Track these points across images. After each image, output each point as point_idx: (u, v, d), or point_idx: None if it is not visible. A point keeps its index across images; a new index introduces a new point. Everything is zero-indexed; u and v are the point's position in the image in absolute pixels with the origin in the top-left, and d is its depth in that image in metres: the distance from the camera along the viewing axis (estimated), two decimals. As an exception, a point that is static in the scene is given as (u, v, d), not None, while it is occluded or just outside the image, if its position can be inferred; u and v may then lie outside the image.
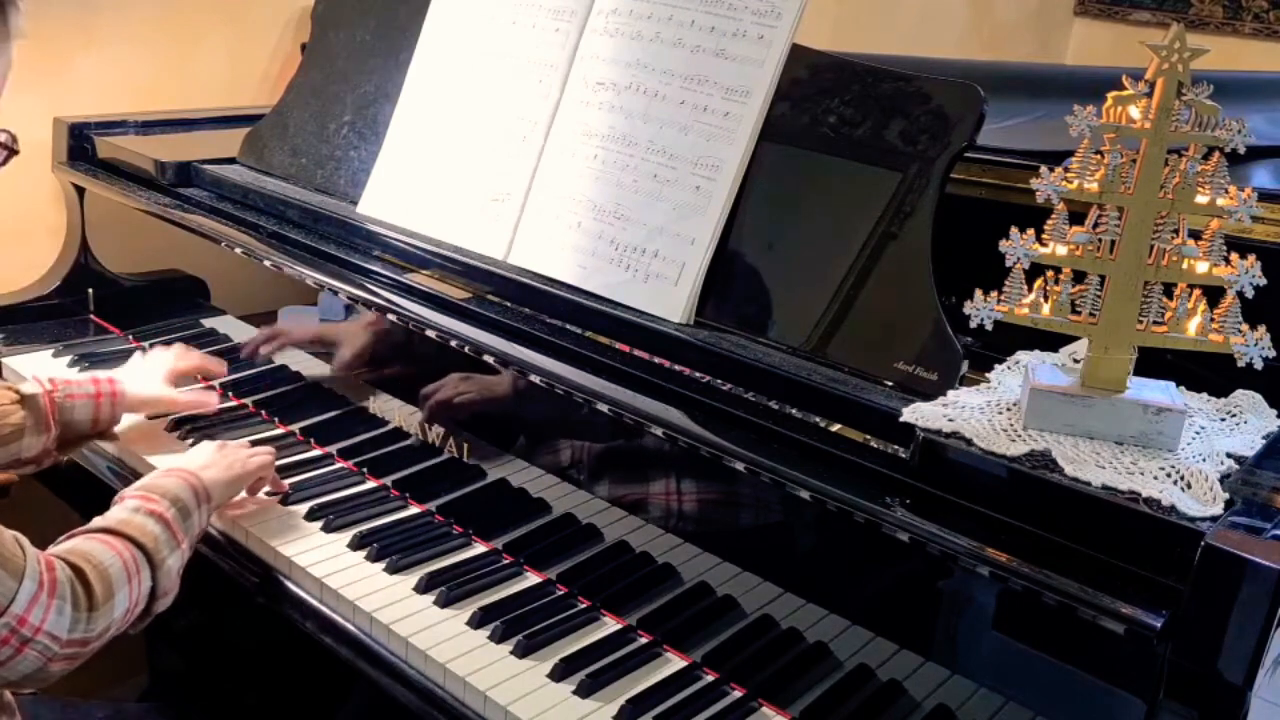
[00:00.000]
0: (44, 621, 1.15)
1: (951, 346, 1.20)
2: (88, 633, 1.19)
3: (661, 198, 1.43)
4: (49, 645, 1.16)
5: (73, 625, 1.18)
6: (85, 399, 1.58)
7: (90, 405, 1.59)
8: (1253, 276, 1.03)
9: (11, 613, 1.12)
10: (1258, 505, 0.99)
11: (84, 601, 1.19)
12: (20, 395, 1.54)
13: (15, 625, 1.13)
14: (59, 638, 1.16)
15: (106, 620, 1.21)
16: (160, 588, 1.28)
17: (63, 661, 1.18)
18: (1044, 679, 1.04)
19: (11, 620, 1.12)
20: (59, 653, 1.17)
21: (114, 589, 1.22)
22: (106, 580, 1.22)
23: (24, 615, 1.13)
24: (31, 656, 1.15)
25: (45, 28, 2.03)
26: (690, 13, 1.46)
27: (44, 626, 1.15)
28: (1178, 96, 1.02)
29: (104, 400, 1.60)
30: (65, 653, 1.18)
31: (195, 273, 1.94)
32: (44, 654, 1.16)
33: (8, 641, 1.13)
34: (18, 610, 1.13)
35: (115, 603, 1.22)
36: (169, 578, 1.30)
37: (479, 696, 1.23)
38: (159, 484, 1.37)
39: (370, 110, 1.79)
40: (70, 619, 1.17)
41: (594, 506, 1.39)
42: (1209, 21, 3.96)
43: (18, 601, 1.13)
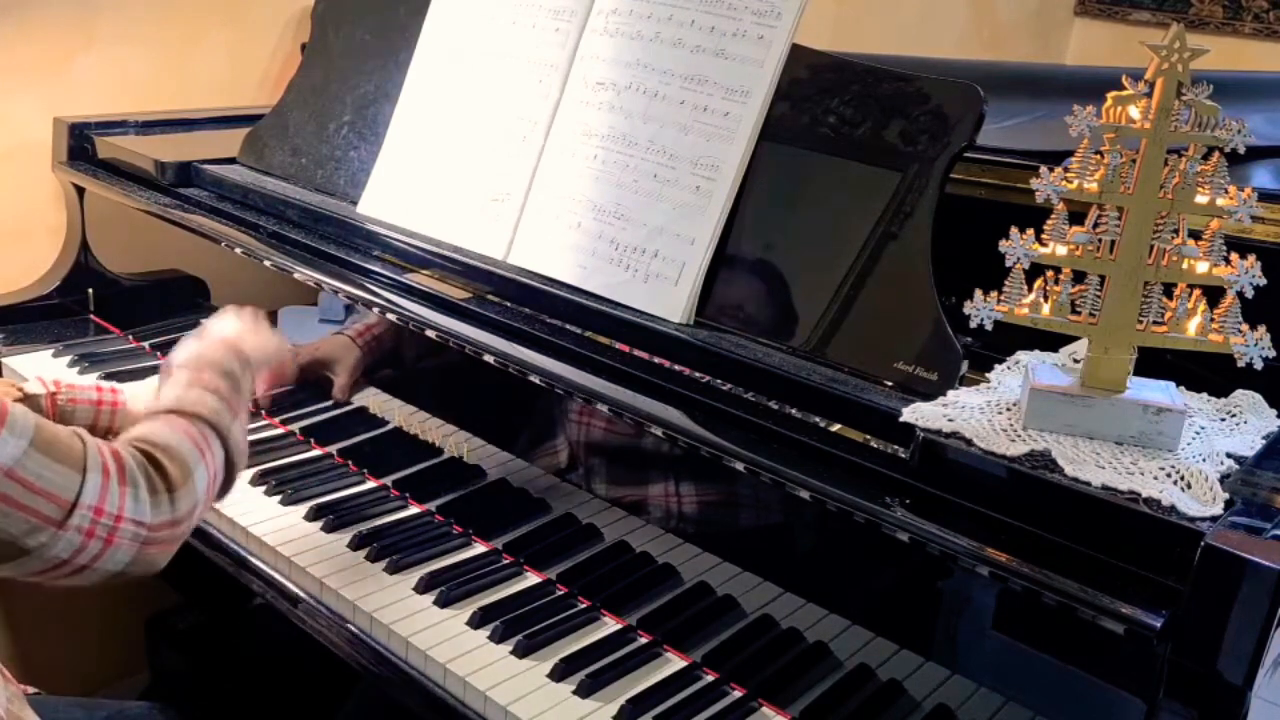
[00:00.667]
0: (122, 508, 1.12)
1: (951, 346, 1.20)
2: (175, 513, 1.17)
3: (661, 198, 1.43)
4: (138, 530, 1.13)
5: (154, 508, 1.15)
6: (87, 405, 1.59)
7: (91, 411, 1.59)
8: (1253, 276, 1.03)
9: (84, 504, 1.09)
10: (1258, 505, 0.99)
11: (160, 484, 1.16)
12: (24, 394, 1.54)
13: (93, 516, 1.10)
14: (143, 521, 1.14)
15: (190, 499, 1.19)
16: (233, 456, 1.27)
17: (159, 545, 1.16)
18: (1044, 679, 1.04)
19: (87, 512, 1.10)
20: (152, 536, 1.14)
21: (190, 468, 1.20)
22: (180, 460, 1.19)
23: (99, 505, 1.11)
24: (124, 545, 1.12)
25: (45, 28, 2.03)
26: (690, 13, 1.46)
27: (124, 513, 1.12)
28: (1178, 96, 1.02)
29: (104, 408, 1.60)
30: (159, 536, 1.15)
31: (195, 273, 1.94)
32: (135, 539, 1.13)
33: (92, 534, 1.10)
34: (90, 501, 1.10)
35: (195, 480, 1.20)
36: (239, 444, 1.28)
37: (479, 696, 1.23)
38: (204, 354, 1.34)
39: (370, 110, 1.79)
40: (150, 502, 1.15)
41: (594, 506, 1.39)
42: (1209, 21, 3.96)
43: (86, 493, 1.10)
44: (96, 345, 1.98)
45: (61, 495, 1.09)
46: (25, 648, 2.16)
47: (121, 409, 1.62)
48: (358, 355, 1.64)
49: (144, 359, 1.92)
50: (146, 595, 2.18)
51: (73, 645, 2.16)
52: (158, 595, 2.16)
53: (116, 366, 1.87)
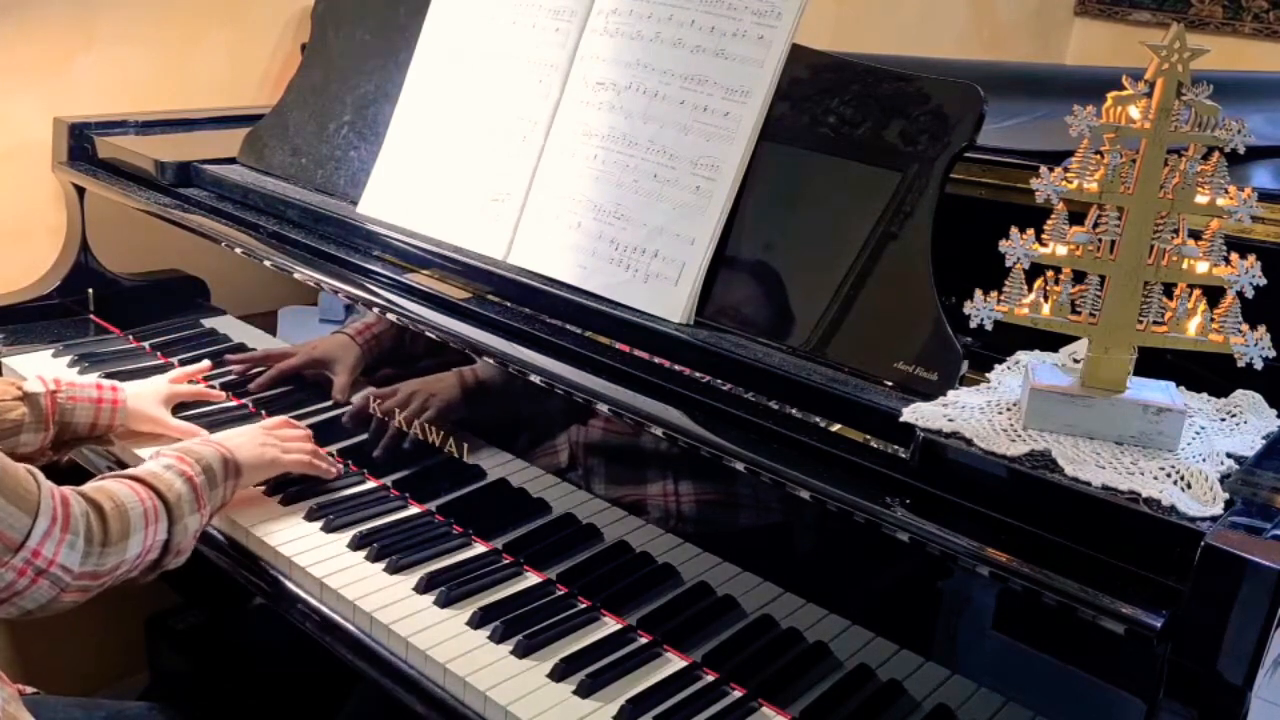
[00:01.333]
0: (56, 554, 1.20)
1: (951, 346, 1.20)
2: (99, 566, 1.25)
3: (661, 198, 1.43)
4: (61, 576, 1.22)
5: (84, 558, 1.23)
6: (87, 403, 1.61)
7: (91, 409, 1.61)
8: (1253, 276, 1.03)
9: (28, 547, 1.18)
10: (1258, 505, 0.99)
11: (98, 536, 1.25)
12: (23, 392, 1.55)
13: (30, 558, 1.19)
14: (71, 570, 1.22)
15: (118, 558, 1.27)
16: (174, 543, 1.34)
17: (74, 593, 1.24)
18: (1044, 679, 1.04)
19: (27, 554, 1.18)
20: (70, 584, 1.23)
21: (130, 529, 1.28)
22: (124, 519, 1.28)
23: (38, 549, 1.19)
24: (45, 586, 1.21)
25: (45, 28, 2.03)
26: (690, 13, 1.46)
27: (56, 559, 1.21)
28: (1178, 96, 1.02)
29: (104, 406, 1.62)
30: (77, 584, 1.24)
31: (195, 273, 1.94)
32: (56, 584, 1.22)
33: (24, 573, 1.19)
34: (33, 544, 1.18)
35: (129, 543, 1.28)
36: (185, 535, 1.35)
37: (479, 696, 1.23)
38: (194, 449, 1.43)
39: (370, 110, 1.79)
40: (82, 553, 1.23)
41: (594, 506, 1.39)
42: (1209, 21, 3.96)
43: (33, 536, 1.18)
44: (96, 345, 1.98)
45: (12, 535, 1.17)
46: (24, 648, 2.16)
47: (121, 407, 1.63)
48: (357, 354, 1.64)
49: (144, 359, 1.92)
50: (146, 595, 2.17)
51: (72, 645, 2.16)
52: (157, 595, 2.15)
53: (116, 366, 1.87)
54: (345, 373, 1.66)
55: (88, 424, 1.61)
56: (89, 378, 1.68)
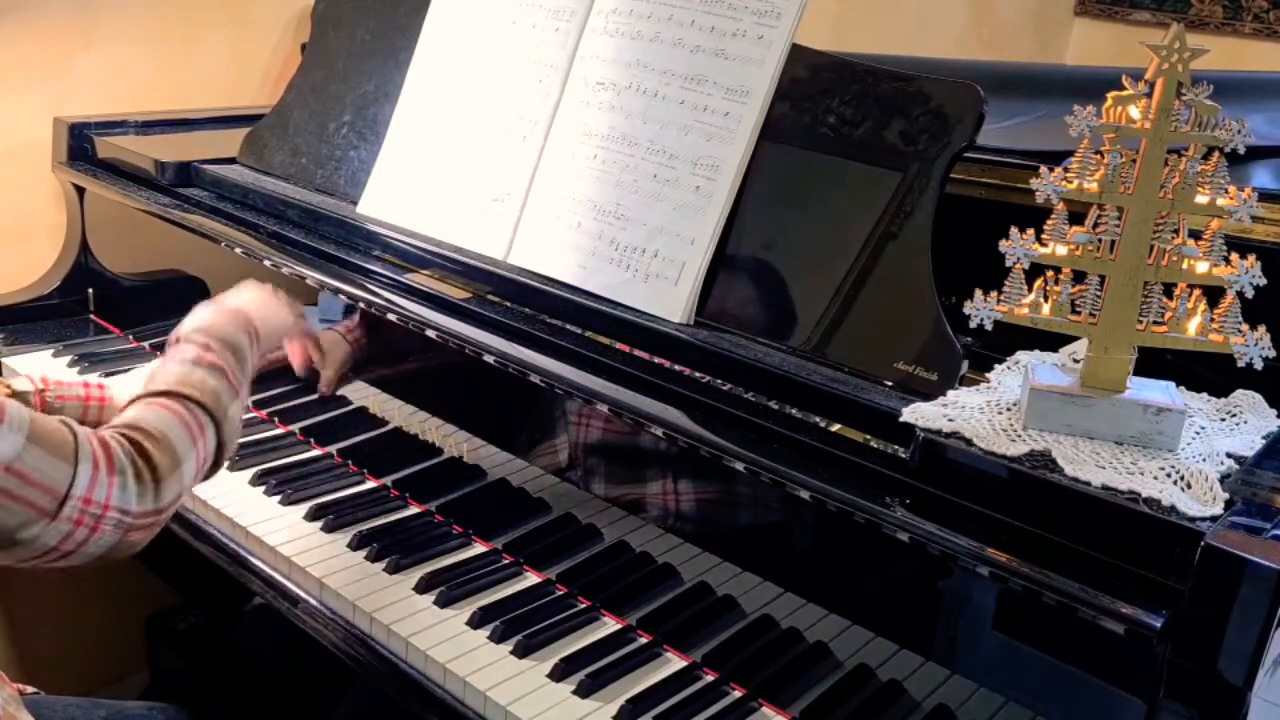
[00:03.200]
0: (109, 497, 1.15)
1: (951, 346, 1.20)
2: (159, 502, 1.20)
3: (661, 198, 1.43)
4: (121, 519, 1.16)
5: (140, 498, 1.18)
6: (75, 401, 1.60)
7: (79, 408, 1.60)
8: (1253, 276, 1.03)
9: (75, 495, 1.13)
10: (1258, 505, 0.99)
11: (148, 474, 1.19)
12: (12, 391, 1.55)
13: (82, 506, 1.13)
14: (129, 510, 1.17)
15: (176, 488, 1.22)
16: (226, 440, 1.29)
17: (141, 531, 1.19)
18: (1044, 679, 1.04)
19: (77, 502, 1.13)
20: (134, 524, 1.17)
21: (180, 456, 1.22)
22: (170, 450, 1.22)
23: (88, 495, 1.14)
24: (108, 531, 1.16)
25: (45, 28, 2.03)
26: (690, 13, 1.46)
27: (111, 502, 1.15)
28: (1178, 96, 1.02)
29: (92, 405, 1.62)
30: (142, 523, 1.18)
31: (195, 273, 1.94)
32: (119, 527, 1.16)
33: (80, 522, 1.14)
34: (80, 491, 1.13)
35: (183, 470, 1.22)
36: (233, 427, 1.30)
37: (479, 696, 1.23)
38: (214, 326, 1.36)
39: (370, 110, 1.79)
40: (136, 493, 1.18)
41: (594, 506, 1.39)
42: (1209, 21, 3.96)
43: (78, 484, 1.13)
44: (96, 345, 1.98)
45: (55, 486, 1.12)
46: (25, 647, 2.16)
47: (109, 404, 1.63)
48: (346, 351, 1.64)
49: (144, 359, 1.92)
50: (146, 595, 2.18)
51: (72, 645, 2.16)
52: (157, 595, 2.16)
53: (116, 366, 1.87)
54: (333, 368, 1.66)
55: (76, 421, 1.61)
56: (76, 376, 1.67)
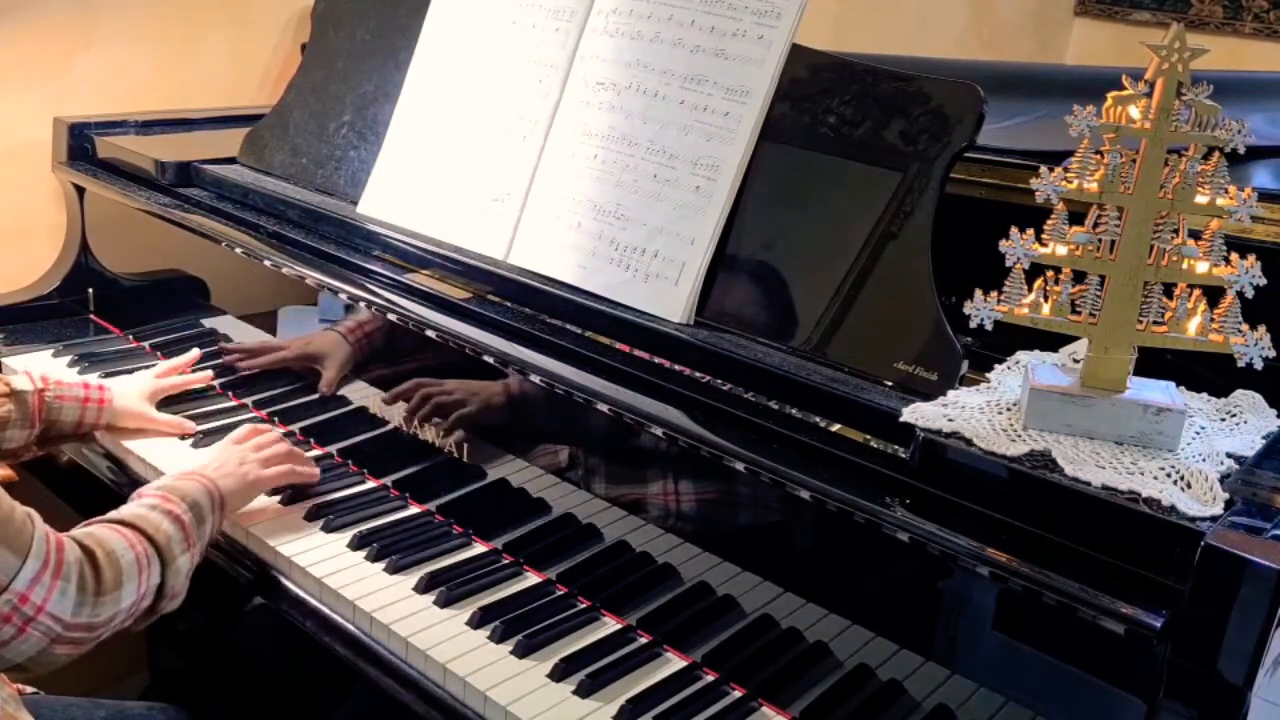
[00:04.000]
0: (46, 601, 1.14)
1: (951, 346, 1.20)
2: (93, 618, 1.19)
3: (661, 198, 1.43)
4: (52, 626, 1.15)
5: (77, 608, 1.17)
6: (73, 402, 1.61)
7: (77, 409, 1.61)
8: (1253, 276, 1.03)
9: (13, 589, 1.11)
10: (1258, 505, 0.99)
11: (91, 585, 1.18)
12: (11, 389, 1.55)
13: (16, 603, 1.12)
14: (62, 619, 1.16)
15: (113, 608, 1.21)
16: (168, 586, 1.29)
17: (68, 645, 1.17)
18: (1044, 679, 1.04)
19: (13, 598, 1.11)
20: (63, 635, 1.16)
21: (123, 578, 1.22)
22: (117, 568, 1.22)
23: (26, 593, 1.12)
24: (35, 637, 1.14)
25: (45, 28, 2.03)
26: (690, 13, 1.46)
27: (46, 606, 1.14)
28: (1178, 96, 1.02)
29: (90, 405, 1.63)
30: (71, 636, 1.17)
31: (195, 273, 1.94)
32: (47, 635, 1.15)
33: (9, 619, 1.12)
34: (19, 588, 1.12)
35: (123, 592, 1.22)
36: (178, 578, 1.30)
37: (479, 696, 1.23)
38: (177, 486, 1.38)
39: (370, 110, 1.79)
40: (75, 601, 1.17)
41: (594, 506, 1.39)
42: (1209, 21, 3.96)
43: (19, 579, 1.12)
44: (96, 345, 1.98)
45: None
46: (25, 648, 2.16)
47: (108, 406, 1.64)
48: (348, 352, 1.65)
49: (144, 359, 1.92)
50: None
51: (72, 645, 2.16)
52: (157, 595, 2.15)
53: (116, 366, 1.87)
54: (334, 368, 1.66)
55: (73, 423, 1.61)
56: (77, 377, 1.68)
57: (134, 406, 1.67)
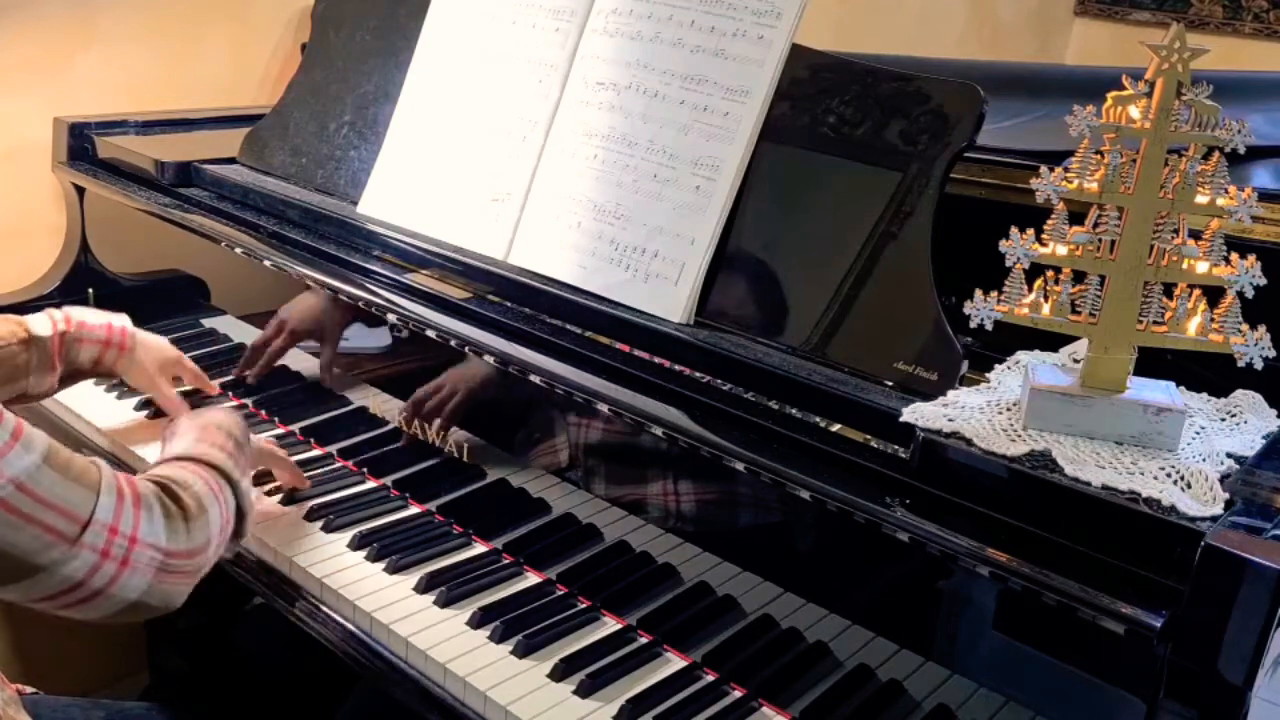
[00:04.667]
0: (136, 528, 1.10)
1: (951, 346, 1.20)
2: (191, 542, 1.16)
3: (661, 197, 1.43)
4: (154, 555, 1.11)
5: (170, 533, 1.14)
6: (94, 344, 1.58)
7: (96, 350, 1.58)
8: (1253, 276, 1.03)
9: (98, 521, 1.08)
10: (1258, 505, 0.99)
11: (176, 511, 1.16)
12: (30, 334, 1.51)
13: (109, 535, 1.08)
14: (160, 545, 1.12)
15: (205, 532, 1.18)
16: (243, 505, 1.29)
17: (176, 575, 1.14)
18: (1044, 679, 1.04)
19: (102, 530, 1.08)
20: (168, 563, 1.13)
21: (205, 503, 1.20)
22: (195, 495, 1.19)
23: (114, 524, 1.09)
24: (141, 569, 1.10)
25: (45, 28, 2.03)
26: (690, 13, 1.46)
27: (138, 534, 1.10)
28: (1178, 96, 1.02)
29: (111, 349, 1.60)
30: (176, 564, 1.14)
31: (195, 273, 1.94)
32: (152, 565, 1.11)
33: (108, 554, 1.08)
34: (105, 519, 1.08)
35: (209, 517, 1.19)
36: (246, 497, 1.30)
37: (479, 696, 1.23)
38: (208, 418, 1.37)
39: (370, 110, 1.79)
40: (165, 527, 1.13)
41: (594, 506, 1.39)
42: (1209, 21, 3.96)
43: (100, 510, 1.08)
44: (96, 345, 1.97)
45: (75, 510, 1.07)
46: (25, 648, 2.16)
47: (127, 354, 1.60)
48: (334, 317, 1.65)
49: (144, 359, 1.92)
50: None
51: (72, 645, 2.16)
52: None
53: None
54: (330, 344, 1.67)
55: (91, 362, 1.59)
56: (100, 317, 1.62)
57: (149, 367, 1.64)
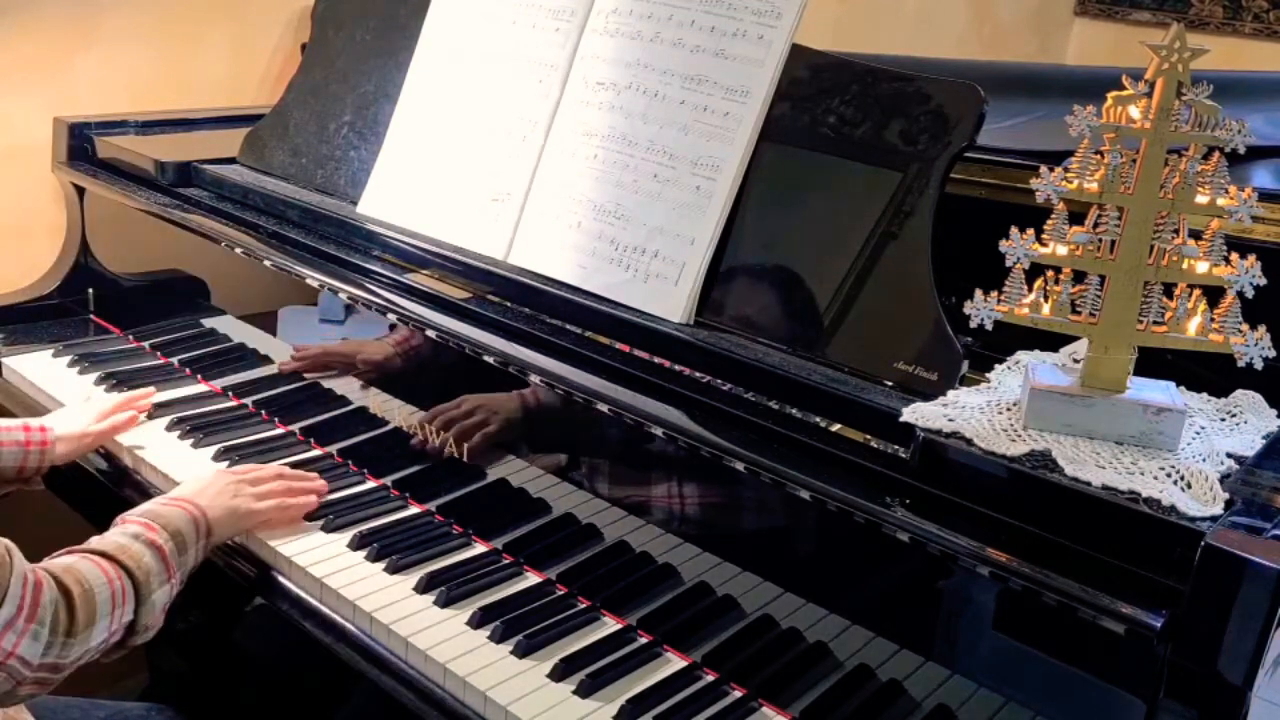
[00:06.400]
0: (17, 646, 1.14)
1: (951, 346, 1.20)
2: (60, 659, 1.19)
3: (661, 198, 1.43)
4: (19, 669, 1.15)
5: (46, 650, 1.17)
6: (14, 446, 1.56)
7: (19, 453, 1.56)
8: (1253, 276, 1.03)
9: None
10: (1258, 505, 0.99)
11: (64, 626, 1.18)
12: None
13: None
14: (30, 662, 1.16)
15: (82, 648, 1.21)
16: (140, 623, 1.28)
17: (31, 685, 1.18)
18: (1044, 679, 1.04)
19: None
20: (29, 676, 1.17)
21: (96, 616, 1.22)
22: (91, 606, 1.21)
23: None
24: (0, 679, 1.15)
25: (45, 28, 2.03)
26: (690, 13, 1.46)
27: (16, 651, 1.14)
28: (1178, 96, 1.02)
29: (33, 449, 1.57)
30: (35, 676, 1.17)
31: (195, 273, 1.94)
32: (13, 677, 1.15)
33: None
34: None
35: (94, 631, 1.22)
36: (152, 613, 1.29)
37: (479, 696, 1.23)
38: (162, 513, 1.36)
39: (370, 110, 1.79)
40: (44, 644, 1.17)
41: (594, 506, 1.39)
42: (1209, 21, 3.96)
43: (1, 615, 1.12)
44: (96, 345, 1.98)
45: None
46: (25, 648, 2.16)
47: (50, 449, 1.58)
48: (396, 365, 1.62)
49: (144, 359, 1.92)
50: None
51: (72, 645, 2.16)
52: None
53: (116, 366, 1.87)
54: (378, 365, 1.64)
55: (15, 468, 1.56)
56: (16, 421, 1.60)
57: (78, 428, 1.62)
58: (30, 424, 1.59)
